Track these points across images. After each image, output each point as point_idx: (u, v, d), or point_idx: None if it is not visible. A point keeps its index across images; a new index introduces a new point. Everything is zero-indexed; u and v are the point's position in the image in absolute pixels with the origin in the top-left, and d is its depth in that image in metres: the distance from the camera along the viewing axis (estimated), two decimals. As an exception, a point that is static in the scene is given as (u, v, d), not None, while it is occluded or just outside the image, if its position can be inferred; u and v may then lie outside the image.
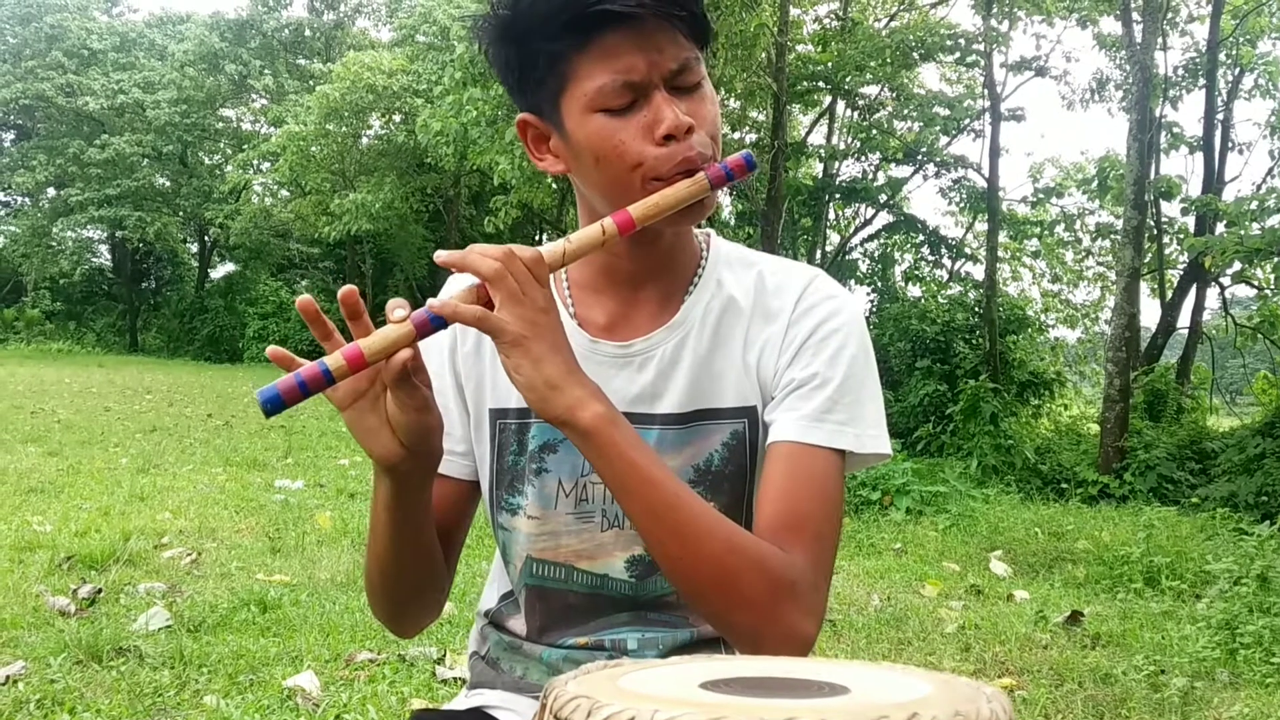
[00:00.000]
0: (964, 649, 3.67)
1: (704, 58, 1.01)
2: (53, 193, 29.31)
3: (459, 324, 0.88)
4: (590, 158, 0.98)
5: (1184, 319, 12.32)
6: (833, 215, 18.69)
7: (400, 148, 21.80)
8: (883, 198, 17.31)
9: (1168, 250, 13.19)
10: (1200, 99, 12.49)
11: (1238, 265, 11.17)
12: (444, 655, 3.21)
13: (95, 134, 27.43)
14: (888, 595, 4.45)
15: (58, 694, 2.73)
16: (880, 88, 15.82)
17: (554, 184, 13.25)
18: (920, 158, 16.31)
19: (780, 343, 1.05)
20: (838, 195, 17.58)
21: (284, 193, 26.73)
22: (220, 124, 29.75)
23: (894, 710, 0.52)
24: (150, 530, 4.96)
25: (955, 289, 16.31)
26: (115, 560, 4.27)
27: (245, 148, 26.17)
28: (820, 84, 14.96)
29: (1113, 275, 14.53)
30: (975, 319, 13.20)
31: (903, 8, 16.47)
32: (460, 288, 0.92)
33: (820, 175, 17.71)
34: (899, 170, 17.25)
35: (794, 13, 13.48)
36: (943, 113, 15.43)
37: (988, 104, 13.68)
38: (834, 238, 18.76)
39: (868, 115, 16.60)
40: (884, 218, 17.91)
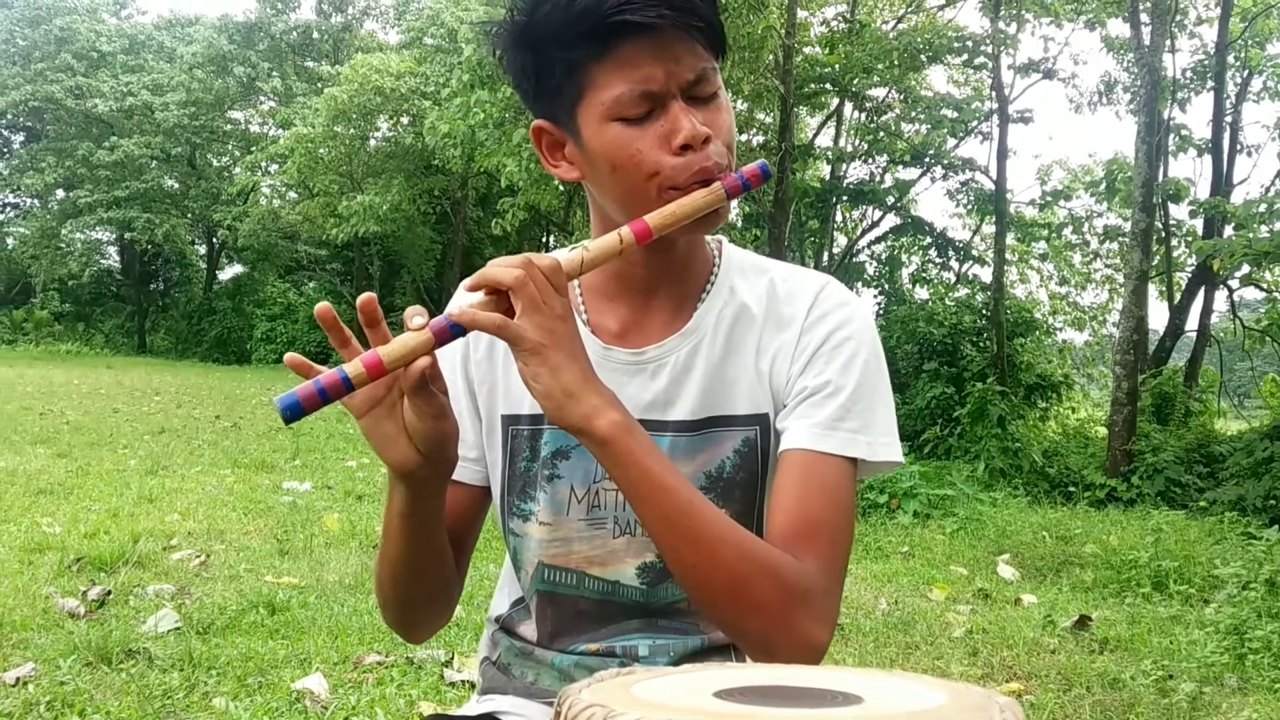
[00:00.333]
0: (972, 653, 3.66)
1: (720, 67, 1.01)
2: (62, 195, 29.44)
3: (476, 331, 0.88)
4: (606, 166, 0.98)
5: (1192, 322, 12.26)
6: (840, 217, 18.63)
7: (408, 150, 21.83)
8: (890, 200, 17.25)
9: (1176, 253, 13.11)
10: (1209, 101, 12.43)
11: (1246, 268, 11.15)
12: (452, 658, 3.22)
13: (104, 136, 27.56)
14: (895, 599, 4.44)
15: (67, 696, 2.74)
16: (888, 90, 15.77)
17: (561, 186, 13.25)
18: (928, 160, 16.24)
19: (793, 350, 1.05)
20: (845, 197, 17.52)
21: (292, 195, 26.76)
22: (228, 126, 29.84)
23: (908, 720, 0.52)
24: (159, 532, 4.98)
25: (963, 291, 16.25)
26: (124, 562, 4.28)
27: (253, 150, 26.21)
28: (827, 86, 14.91)
29: (1120, 278, 14.46)
30: (983, 321, 13.15)
31: (910, 10, 16.44)
32: (473, 295, 0.92)
33: (827, 177, 17.65)
34: (906, 172, 17.19)
35: (801, 15, 13.46)
36: (950, 115, 15.37)
37: (995, 106, 13.62)
38: (841, 240, 18.72)
39: (875, 117, 16.56)
40: (891, 220, 17.85)
